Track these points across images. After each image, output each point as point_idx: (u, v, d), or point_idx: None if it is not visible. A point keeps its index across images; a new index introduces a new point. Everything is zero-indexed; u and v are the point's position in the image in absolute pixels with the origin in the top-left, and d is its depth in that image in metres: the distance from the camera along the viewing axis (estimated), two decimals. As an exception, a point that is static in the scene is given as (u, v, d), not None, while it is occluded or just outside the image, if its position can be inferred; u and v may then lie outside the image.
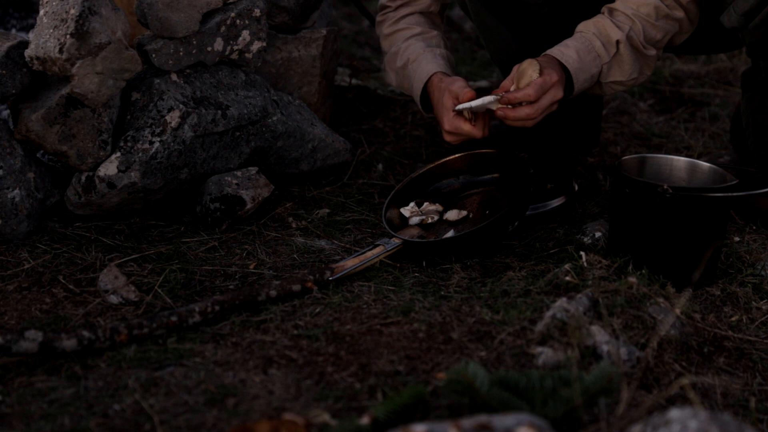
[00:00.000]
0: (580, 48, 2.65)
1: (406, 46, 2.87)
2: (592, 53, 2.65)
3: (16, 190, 2.61)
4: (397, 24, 2.93)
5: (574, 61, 2.63)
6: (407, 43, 2.88)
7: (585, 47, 2.65)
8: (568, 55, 2.63)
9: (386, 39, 2.95)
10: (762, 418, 2.08)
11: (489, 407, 1.85)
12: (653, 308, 2.28)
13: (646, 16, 2.67)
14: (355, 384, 2.07)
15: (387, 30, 2.95)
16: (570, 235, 2.71)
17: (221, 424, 1.95)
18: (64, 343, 2.14)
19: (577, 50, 2.64)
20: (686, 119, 3.58)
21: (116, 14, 2.59)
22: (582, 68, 2.65)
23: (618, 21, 2.67)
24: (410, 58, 2.84)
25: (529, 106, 2.57)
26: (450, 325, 2.26)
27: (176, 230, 2.74)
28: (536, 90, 2.55)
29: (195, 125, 2.71)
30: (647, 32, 2.68)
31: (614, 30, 2.65)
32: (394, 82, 2.96)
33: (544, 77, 2.56)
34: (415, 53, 2.84)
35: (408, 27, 2.91)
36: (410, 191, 2.79)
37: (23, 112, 2.61)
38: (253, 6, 2.83)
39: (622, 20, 2.67)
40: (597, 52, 2.66)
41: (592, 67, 2.66)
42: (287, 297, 2.39)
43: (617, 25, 2.66)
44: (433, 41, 2.88)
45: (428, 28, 2.92)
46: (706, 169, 2.58)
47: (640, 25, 2.67)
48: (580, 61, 2.64)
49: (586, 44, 2.65)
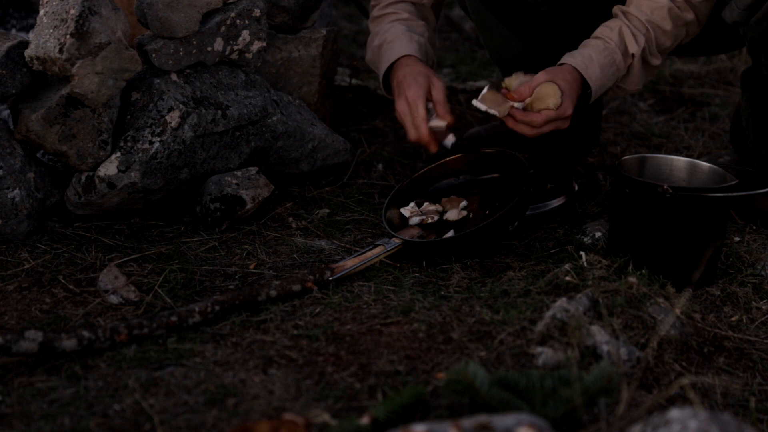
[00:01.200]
0: (604, 63, 2.63)
1: (387, 27, 2.87)
2: (613, 68, 2.64)
3: (16, 190, 2.61)
4: (386, 8, 2.93)
5: (597, 79, 2.63)
6: (390, 25, 2.87)
7: (608, 62, 2.63)
8: (592, 71, 2.62)
9: (373, 21, 2.95)
10: (762, 418, 2.08)
11: (489, 407, 1.85)
12: (653, 308, 2.28)
13: (659, 22, 2.65)
14: (355, 384, 2.07)
15: (376, 13, 2.95)
16: (570, 235, 2.71)
17: (221, 424, 1.95)
18: (64, 343, 2.14)
19: (600, 66, 2.62)
20: (686, 119, 3.58)
21: (116, 14, 2.59)
22: (602, 86, 2.65)
23: (635, 29, 2.65)
24: (387, 38, 2.83)
25: (530, 128, 2.60)
26: (450, 325, 2.26)
27: (176, 230, 2.74)
28: (544, 121, 2.58)
29: (195, 125, 2.71)
30: (659, 41, 2.67)
31: (632, 42, 2.63)
32: (368, 61, 2.95)
33: (560, 112, 2.57)
34: (393, 35, 2.83)
35: (396, 12, 2.91)
36: (410, 191, 2.79)
37: (23, 112, 2.61)
38: (253, 6, 2.83)
39: (638, 27, 2.65)
40: (617, 66, 2.65)
41: (609, 82, 2.66)
42: (287, 297, 2.39)
43: (635, 35, 2.64)
44: (417, 29, 2.87)
45: (416, 18, 2.91)
46: (706, 169, 2.58)
47: (653, 34, 2.66)
48: (602, 78, 2.64)
49: (609, 59, 2.63)
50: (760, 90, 2.78)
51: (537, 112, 2.58)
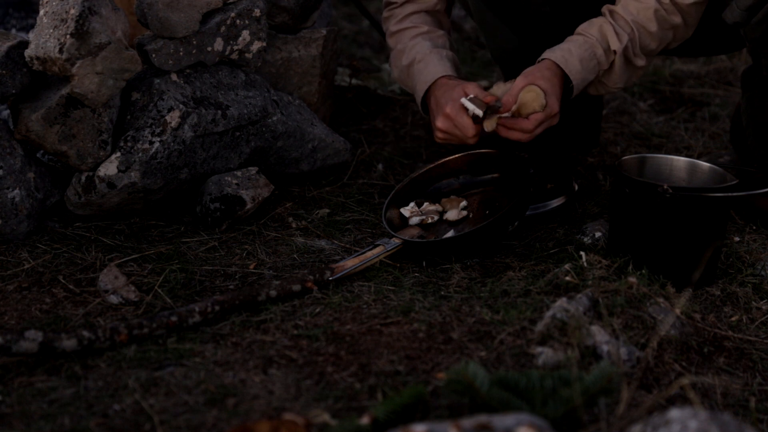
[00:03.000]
0: (584, 57, 2.65)
1: (412, 44, 2.86)
2: (593, 61, 2.66)
3: (16, 190, 2.61)
4: (403, 22, 2.92)
5: (578, 73, 2.64)
6: (414, 42, 2.87)
7: (588, 55, 2.65)
8: (572, 64, 2.63)
9: (392, 36, 2.94)
10: (762, 418, 2.08)
11: (489, 407, 1.85)
12: (653, 308, 2.28)
13: (645, 23, 2.67)
14: (355, 384, 2.07)
15: (393, 27, 2.94)
16: (570, 235, 2.71)
17: (221, 424, 1.95)
18: (64, 343, 2.14)
19: (580, 59, 2.64)
20: (686, 119, 3.58)
21: (116, 14, 2.59)
22: (584, 79, 2.67)
23: (619, 27, 2.67)
24: (416, 57, 2.83)
25: (522, 134, 2.62)
26: (450, 325, 2.26)
27: (176, 230, 2.74)
28: (535, 125, 2.60)
29: (195, 125, 2.71)
30: (643, 41, 2.69)
31: (614, 39, 2.65)
32: (397, 80, 2.95)
33: (547, 112, 2.59)
34: (421, 53, 2.82)
35: (415, 26, 2.90)
36: (410, 191, 2.79)
37: (23, 112, 2.61)
38: (253, 6, 2.83)
39: (623, 26, 2.67)
40: (598, 59, 2.66)
41: (590, 75, 2.68)
42: (287, 297, 2.39)
43: (617, 33, 2.66)
44: (439, 41, 2.87)
45: (434, 27, 2.91)
46: (706, 169, 2.58)
47: (637, 34, 2.68)
48: (583, 71, 2.65)
49: (589, 52, 2.65)
50: (760, 90, 2.79)
51: (525, 118, 2.60)
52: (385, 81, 3.76)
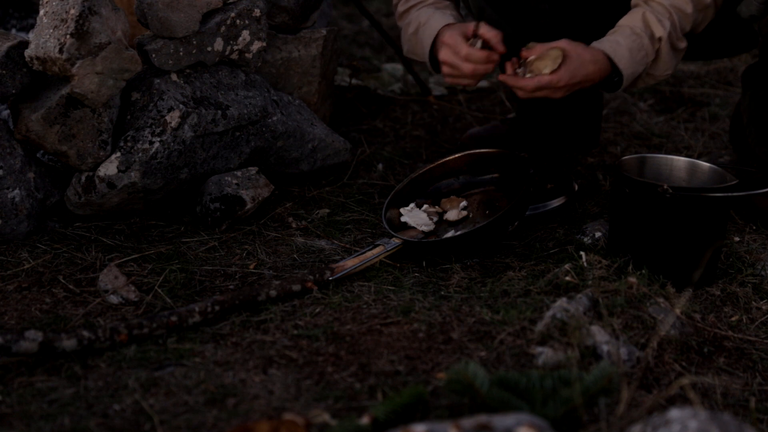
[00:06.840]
0: (633, 47, 2.59)
1: (417, 14, 2.84)
2: (642, 52, 2.61)
3: (16, 190, 2.61)
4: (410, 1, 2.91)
5: (627, 62, 2.59)
6: (419, 12, 2.84)
7: (636, 46, 2.60)
8: (621, 54, 2.58)
9: (401, 17, 2.92)
10: (762, 418, 2.08)
11: (489, 407, 1.85)
12: (653, 308, 2.28)
13: (682, 6, 2.61)
14: (355, 384, 2.07)
15: (401, 8, 2.91)
16: (570, 235, 2.71)
17: (221, 424, 1.95)
18: (64, 343, 2.14)
19: (629, 50, 2.58)
20: (686, 119, 3.58)
21: (116, 14, 2.59)
22: (634, 72, 2.61)
23: (659, 14, 2.62)
24: (421, 21, 2.79)
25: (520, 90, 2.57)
26: (450, 325, 2.26)
27: (176, 230, 2.74)
28: (535, 86, 2.55)
29: (195, 125, 2.71)
30: (682, 24, 2.63)
31: (658, 27, 2.60)
32: (408, 53, 2.91)
33: (552, 78, 2.54)
34: (425, 16, 2.78)
35: (421, 1, 2.88)
36: (410, 191, 2.79)
37: (23, 112, 2.61)
38: (253, 6, 2.83)
39: (662, 12, 2.62)
40: (645, 50, 2.61)
41: (640, 67, 2.62)
42: (287, 297, 2.39)
43: (659, 20, 2.61)
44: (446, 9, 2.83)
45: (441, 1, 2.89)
46: (706, 169, 2.58)
47: (677, 18, 2.62)
48: (632, 62, 2.59)
49: (637, 43, 2.60)
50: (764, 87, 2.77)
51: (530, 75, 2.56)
52: (385, 81, 3.76)
